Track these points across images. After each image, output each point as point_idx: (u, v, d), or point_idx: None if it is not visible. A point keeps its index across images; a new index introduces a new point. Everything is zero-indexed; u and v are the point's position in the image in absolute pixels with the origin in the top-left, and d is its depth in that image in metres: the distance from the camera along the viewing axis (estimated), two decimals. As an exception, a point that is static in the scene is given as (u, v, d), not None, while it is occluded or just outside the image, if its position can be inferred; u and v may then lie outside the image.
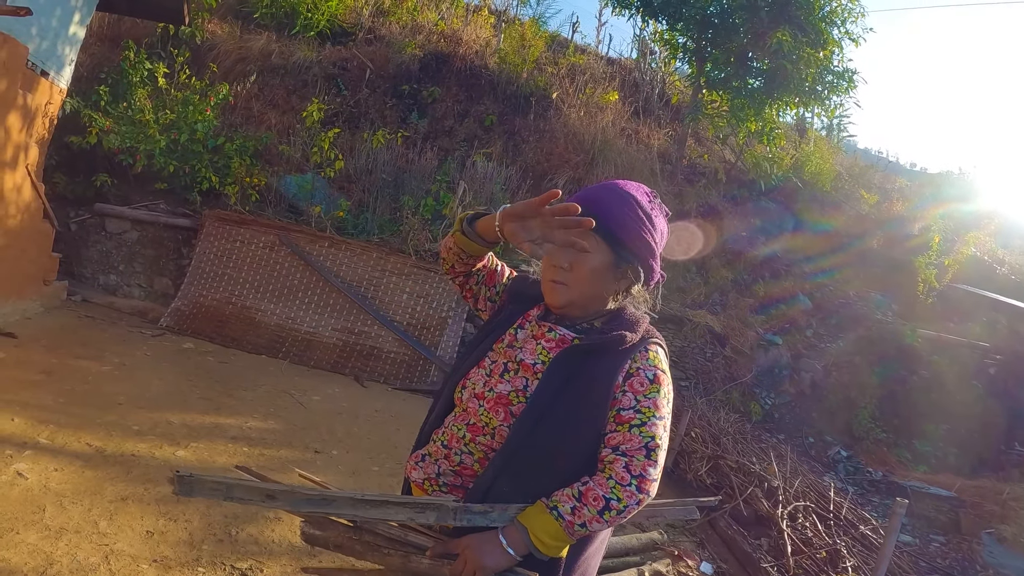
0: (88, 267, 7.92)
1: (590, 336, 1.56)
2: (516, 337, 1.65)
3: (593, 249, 1.55)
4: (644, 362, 1.51)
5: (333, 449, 4.85)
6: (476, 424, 1.57)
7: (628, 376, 1.49)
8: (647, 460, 1.44)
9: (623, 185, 1.61)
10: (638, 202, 1.57)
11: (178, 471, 1.40)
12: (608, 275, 1.58)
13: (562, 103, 11.06)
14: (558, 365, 1.52)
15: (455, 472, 1.60)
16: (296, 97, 9.77)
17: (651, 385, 1.49)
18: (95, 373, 5.22)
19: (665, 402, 1.50)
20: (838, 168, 13.71)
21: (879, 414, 9.06)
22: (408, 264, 7.76)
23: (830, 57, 10.44)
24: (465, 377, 1.66)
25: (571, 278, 1.57)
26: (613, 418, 1.47)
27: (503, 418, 1.54)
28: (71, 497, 3.34)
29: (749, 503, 5.23)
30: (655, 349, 1.56)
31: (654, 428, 1.46)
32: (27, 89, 5.93)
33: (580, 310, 1.61)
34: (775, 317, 9.95)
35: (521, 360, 1.58)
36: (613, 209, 1.56)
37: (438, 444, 1.64)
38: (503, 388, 1.56)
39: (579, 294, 1.57)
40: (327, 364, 7.12)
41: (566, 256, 1.56)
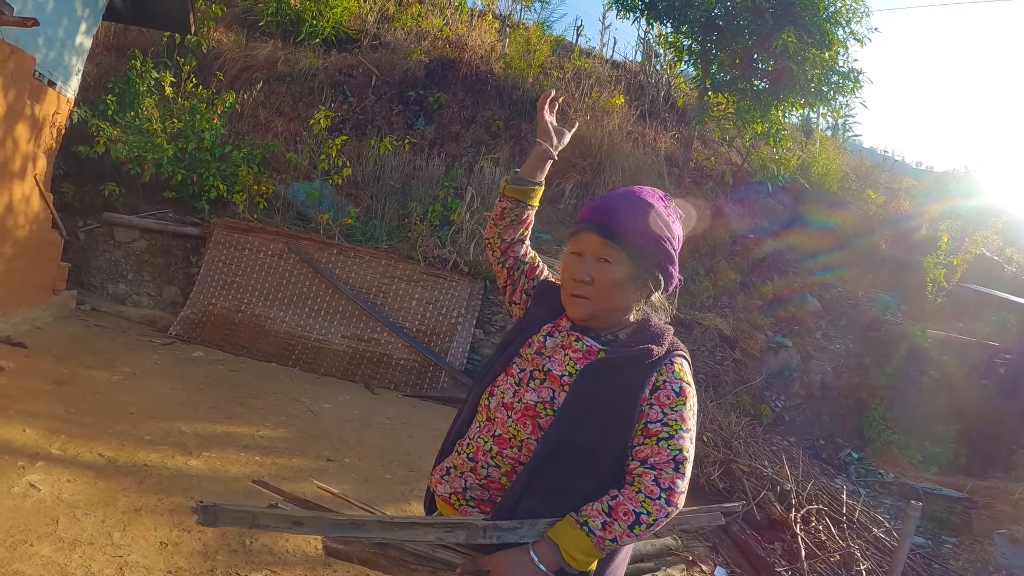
0: (97, 276, 7.93)
1: (616, 349, 1.55)
2: (545, 344, 1.63)
3: (615, 260, 1.54)
4: (670, 375, 1.50)
5: (345, 457, 4.84)
6: (503, 436, 1.56)
7: (655, 389, 1.48)
8: (675, 473, 1.43)
9: (640, 193, 1.61)
10: (657, 211, 1.57)
11: (200, 502, 1.39)
12: (629, 286, 1.57)
13: (568, 107, 11.03)
14: (586, 378, 1.51)
15: (482, 486, 1.58)
16: (302, 104, 9.79)
17: (677, 398, 1.48)
18: (105, 383, 5.22)
19: (691, 414, 1.49)
20: (844, 168, 13.64)
21: (889, 415, 8.99)
22: (417, 270, 7.76)
23: (835, 58, 10.38)
24: (493, 384, 1.65)
25: (592, 291, 1.56)
26: (640, 431, 1.46)
27: (531, 431, 1.53)
28: (84, 508, 3.33)
29: (762, 507, 5.21)
30: (680, 361, 1.55)
31: (681, 441, 1.45)
32: (34, 99, 5.95)
33: (602, 322, 1.61)
34: (784, 319, 9.90)
35: (548, 370, 1.57)
36: (633, 220, 1.55)
37: (463, 457, 1.62)
38: (530, 398, 1.55)
39: (601, 307, 1.57)
40: (337, 371, 7.12)
41: (587, 269, 1.56)
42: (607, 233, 1.54)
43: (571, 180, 9.94)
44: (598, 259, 1.55)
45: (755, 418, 8.24)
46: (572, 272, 1.58)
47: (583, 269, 1.56)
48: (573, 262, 1.59)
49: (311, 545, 3.43)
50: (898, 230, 12.18)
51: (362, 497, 4.22)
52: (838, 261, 11.22)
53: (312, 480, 4.32)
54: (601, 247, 1.55)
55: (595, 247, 1.56)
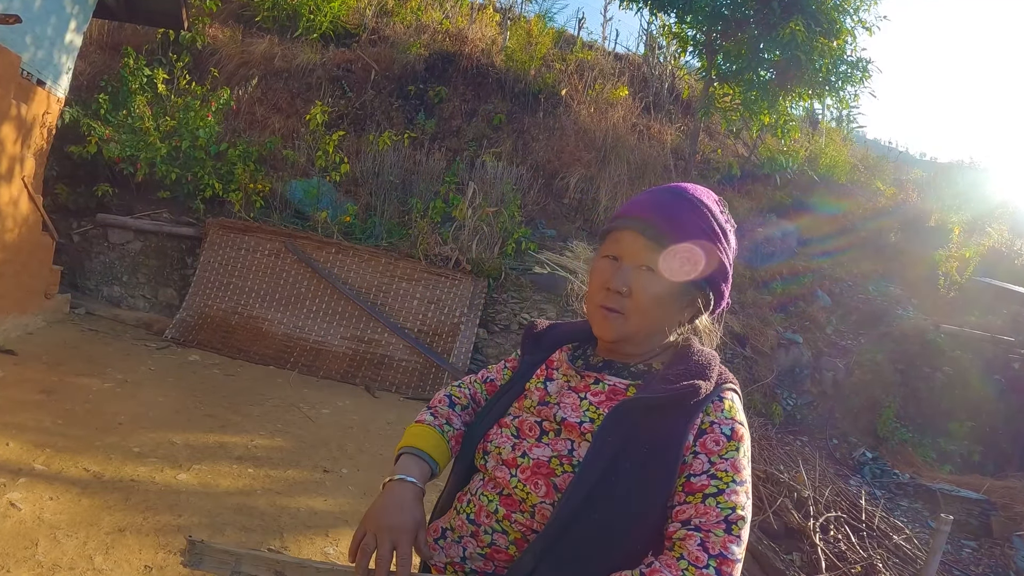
0: (91, 279, 7.78)
1: (652, 386, 1.22)
2: (547, 391, 1.33)
3: (660, 270, 1.25)
4: (719, 415, 1.18)
5: (343, 467, 4.66)
6: (512, 497, 1.25)
7: (700, 434, 1.17)
8: (728, 535, 1.11)
9: (693, 191, 1.31)
10: (712, 213, 1.29)
11: (190, 537, 1.22)
12: (675, 303, 1.28)
13: (571, 100, 10.85)
14: (613, 424, 1.19)
15: (484, 556, 1.27)
16: (300, 101, 9.60)
17: (728, 443, 1.16)
18: (96, 391, 5.06)
19: (746, 461, 1.18)
20: (852, 160, 13.46)
21: (903, 413, 8.84)
22: (418, 269, 7.57)
23: (844, 47, 10.17)
24: (484, 440, 1.35)
25: (630, 306, 1.25)
26: (682, 487, 1.15)
27: (544, 492, 1.21)
28: (66, 529, 3.16)
29: (779, 515, 5.02)
30: (731, 396, 1.23)
31: (735, 496, 1.13)
32: (22, 99, 5.79)
33: (636, 346, 1.31)
34: (794, 315, 9.73)
35: (563, 419, 1.26)
36: (687, 222, 1.26)
37: (463, 517, 1.31)
38: (542, 453, 1.25)
39: (638, 327, 1.27)
40: (337, 374, 6.94)
41: (624, 277, 1.25)
42: (655, 235, 1.24)
43: (576, 174, 9.75)
44: (639, 266, 1.25)
45: (767, 417, 8.08)
46: (605, 279, 1.28)
47: (620, 277, 1.26)
48: (607, 268, 1.29)
49: (305, 568, 3.25)
50: (908, 222, 12.01)
51: (360, 511, 4.05)
52: (848, 255, 11.06)
53: (308, 495, 4.18)
54: (645, 251, 1.25)
55: (637, 251, 1.25)
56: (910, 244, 11.58)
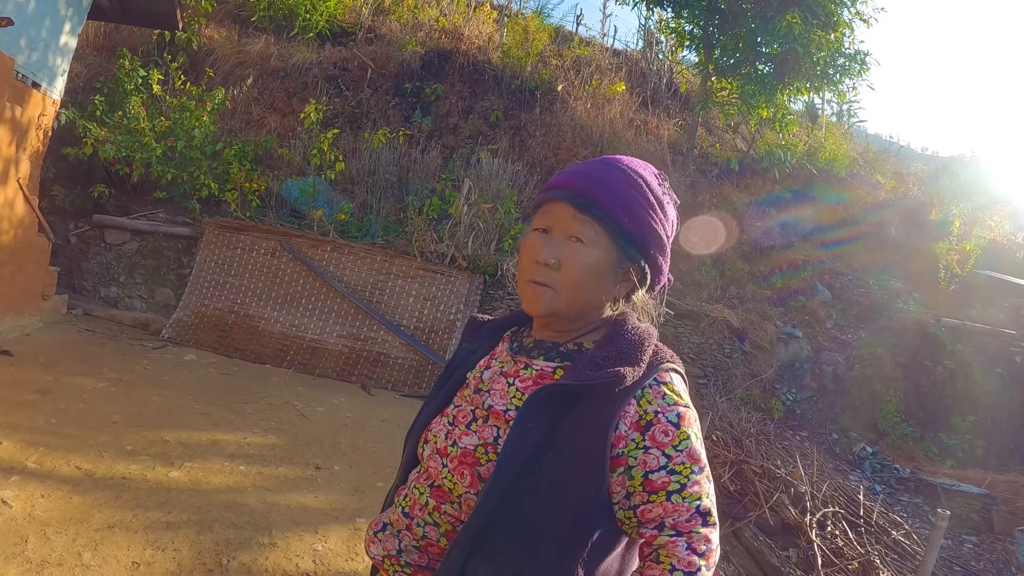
0: (89, 280, 7.78)
1: (576, 370, 1.16)
2: (483, 379, 1.29)
3: (591, 241, 1.18)
4: (660, 402, 1.13)
5: (336, 464, 4.64)
6: (441, 488, 1.22)
7: (646, 426, 1.11)
8: (706, 528, 1.11)
9: (628, 162, 1.25)
10: (648, 184, 1.22)
11: None
12: (608, 276, 1.21)
13: (568, 96, 10.82)
14: (533, 411, 1.14)
15: (418, 548, 1.24)
16: (297, 100, 9.59)
17: (678, 431, 1.11)
18: (91, 390, 5.05)
19: (700, 445, 1.14)
20: (852, 154, 13.42)
21: (904, 407, 8.78)
22: (414, 266, 7.56)
23: (841, 39, 10.15)
24: (427, 428, 1.31)
25: (559, 279, 1.19)
26: (642, 484, 1.11)
27: (469, 482, 1.17)
28: (56, 526, 3.16)
29: (775, 510, 5.00)
30: (669, 378, 1.17)
31: (699, 487, 1.11)
32: (16, 102, 5.79)
33: (568, 322, 1.24)
34: (794, 309, 9.69)
35: (490, 406, 1.21)
36: (618, 190, 1.20)
37: (399, 511, 1.28)
38: (469, 441, 1.20)
39: (569, 301, 1.20)
40: (333, 372, 6.93)
41: (553, 249, 1.19)
42: (584, 204, 1.19)
43: (572, 170, 9.71)
44: (569, 237, 1.19)
45: (766, 413, 8.04)
46: (534, 253, 1.21)
47: (548, 249, 1.20)
48: (536, 240, 1.22)
49: (291, 563, 3.24)
50: (908, 215, 11.97)
51: (351, 508, 4.05)
52: (848, 248, 11.02)
53: (299, 492, 4.17)
54: (574, 222, 1.19)
55: (566, 222, 1.20)
56: (911, 237, 11.54)
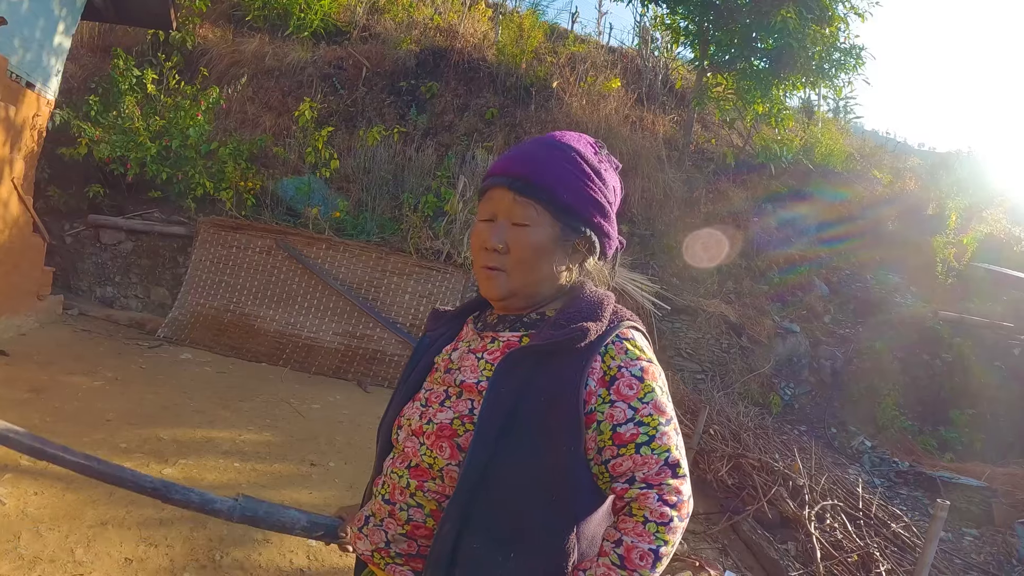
0: (84, 280, 7.77)
1: (542, 332, 1.21)
2: (452, 359, 1.32)
3: (533, 221, 1.22)
4: (623, 357, 1.17)
5: (331, 461, 4.62)
6: (420, 467, 1.22)
7: (611, 381, 1.15)
8: (677, 479, 1.14)
9: (562, 137, 1.29)
10: (582, 155, 1.25)
11: None
12: (556, 250, 1.24)
13: (563, 93, 10.80)
14: (504, 375, 1.18)
15: (406, 536, 1.24)
16: (292, 99, 9.57)
17: (642, 384, 1.15)
18: (86, 389, 5.04)
19: (665, 397, 1.18)
20: (849, 149, 13.40)
21: (903, 401, 8.78)
22: (409, 263, 7.54)
23: (836, 34, 10.15)
24: (399, 415, 1.33)
25: (509, 262, 1.24)
26: (611, 438, 1.14)
27: (450, 455, 1.19)
28: (48, 523, 3.14)
29: (774, 504, 4.98)
30: (631, 334, 1.22)
31: (667, 438, 1.14)
32: (10, 102, 5.77)
33: (526, 299, 1.28)
34: (792, 304, 9.68)
35: (462, 381, 1.24)
36: (552, 167, 1.23)
37: (379, 500, 1.29)
38: (444, 416, 1.22)
39: (521, 280, 1.24)
40: (329, 370, 6.91)
41: (499, 234, 1.24)
42: (521, 187, 1.22)
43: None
44: (512, 221, 1.24)
45: (764, 407, 8.03)
46: (482, 240, 1.26)
47: (495, 235, 1.24)
48: (483, 229, 1.27)
49: (285, 559, 3.22)
50: (905, 209, 11.96)
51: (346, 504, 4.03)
52: (846, 244, 11.01)
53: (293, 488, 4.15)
54: (515, 206, 1.23)
55: (508, 206, 1.24)
56: (908, 232, 11.52)
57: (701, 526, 4.98)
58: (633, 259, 8.98)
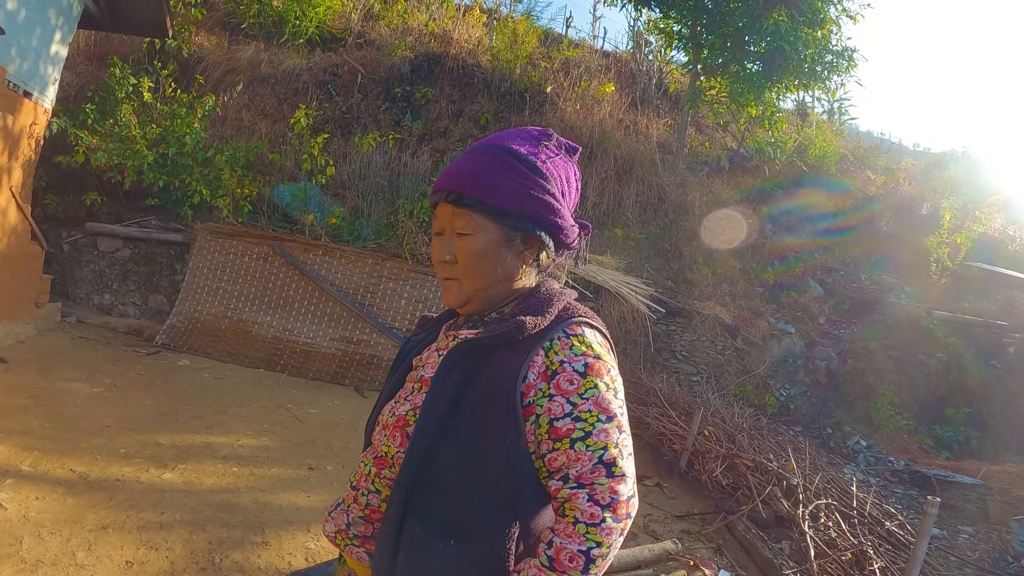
0: (82, 287, 7.80)
1: (489, 326, 1.26)
2: (422, 358, 1.36)
3: (473, 229, 1.25)
4: (567, 352, 1.18)
5: (329, 464, 4.66)
6: (380, 456, 1.29)
7: (552, 375, 1.16)
8: (611, 479, 1.13)
9: (494, 139, 1.31)
10: (513, 154, 1.25)
11: None
12: (502, 253, 1.26)
13: (557, 97, 10.86)
14: (447, 369, 1.22)
15: (364, 519, 1.32)
16: (287, 106, 9.62)
17: (584, 380, 1.16)
18: (84, 395, 5.07)
19: (612, 394, 1.17)
20: (842, 150, 13.46)
21: (898, 400, 8.81)
22: (405, 268, 7.58)
23: (828, 36, 10.20)
24: (381, 412, 1.39)
25: (459, 271, 1.28)
26: (548, 432, 1.16)
27: (399, 442, 1.26)
28: (50, 527, 3.18)
29: (768, 503, 5.01)
30: (579, 331, 1.22)
31: (604, 436, 1.14)
32: (8, 110, 5.82)
33: (484, 303, 1.31)
34: (786, 305, 9.72)
35: (422, 376, 1.30)
36: (482, 174, 1.24)
37: (348, 486, 1.37)
38: (402, 409, 1.29)
39: (473, 286, 1.28)
40: (326, 375, 6.95)
41: (447, 247, 1.28)
42: (455, 199, 1.26)
43: (562, 171, 9.75)
44: (455, 232, 1.28)
45: (759, 408, 8.07)
46: (435, 254, 1.32)
47: (444, 248, 1.29)
48: (435, 243, 1.32)
49: (284, 561, 3.26)
50: (899, 210, 12.02)
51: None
52: (839, 243, 11.06)
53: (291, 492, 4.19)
54: (454, 218, 1.27)
55: (449, 220, 1.28)
56: (902, 231, 11.58)
57: (696, 526, 5.03)
58: (628, 263, 9.03)
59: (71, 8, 6.54)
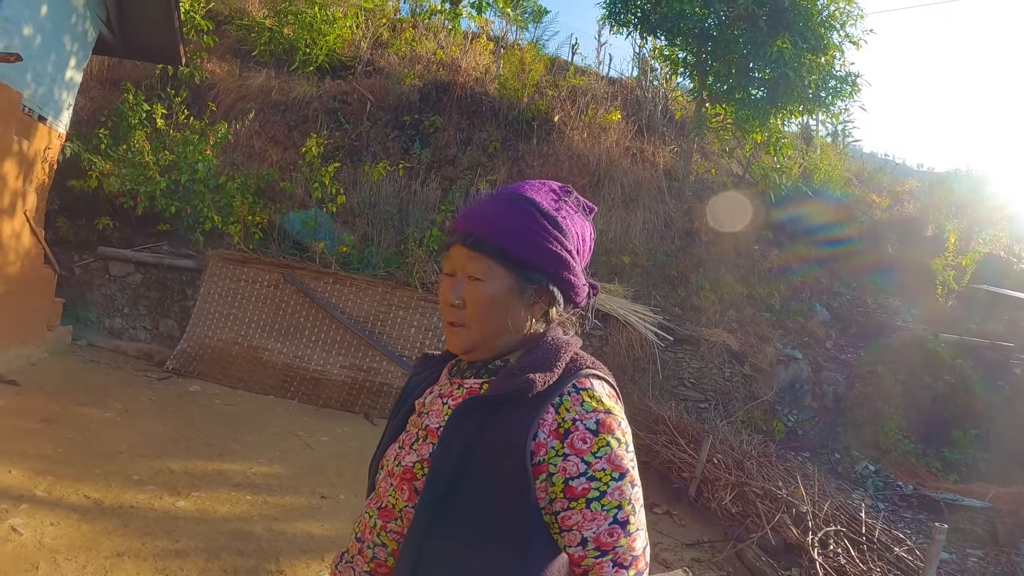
0: (93, 311, 7.85)
1: (497, 382, 1.22)
2: (424, 403, 1.34)
3: (486, 275, 1.24)
4: (578, 409, 1.16)
5: (341, 493, 4.69)
6: (386, 507, 1.26)
7: (565, 433, 1.15)
8: (628, 537, 1.15)
9: (518, 189, 1.30)
10: (535, 205, 1.26)
11: None
12: (513, 303, 1.25)
13: (564, 126, 10.96)
14: (456, 424, 1.19)
15: (370, 573, 1.29)
16: (297, 133, 9.73)
17: (596, 438, 1.15)
18: (97, 420, 5.11)
19: (623, 450, 1.17)
20: (847, 174, 13.54)
21: (905, 424, 8.81)
22: (415, 297, 7.63)
23: (832, 62, 10.31)
24: (383, 456, 1.36)
25: (468, 316, 1.26)
26: (563, 491, 1.14)
27: (408, 496, 1.22)
28: (66, 553, 3.21)
29: (777, 531, 5.01)
30: (589, 384, 1.20)
31: (619, 494, 1.15)
32: (23, 135, 5.89)
33: (487, 351, 1.29)
34: (793, 330, 9.74)
35: (427, 426, 1.27)
36: (503, 222, 1.25)
37: (353, 538, 1.34)
38: (409, 459, 1.25)
39: (480, 334, 1.26)
40: (336, 402, 6.98)
41: (456, 291, 1.27)
42: (472, 243, 1.25)
43: (569, 199, 9.82)
44: (468, 277, 1.26)
45: (767, 434, 8.06)
46: (443, 297, 1.30)
47: (453, 292, 1.27)
48: (444, 285, 1.31)
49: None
50: (904, 232, 12.07)
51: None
52: (845, 268, 11.09)
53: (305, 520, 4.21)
54: (469, 261, 1.25)
55: (463, 262, 1.27)
56: (907, 254, 11.62)
57: (706, 554, 5.03)
58: (636, 290, 9.08)
59: (86, 34, 6.64)
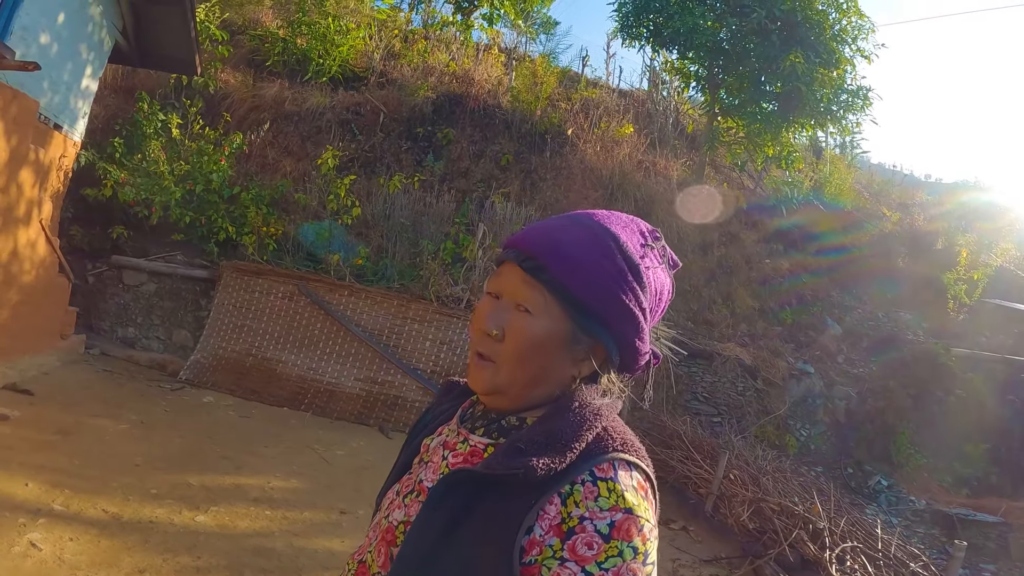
0: (106, 320, 7.86)
1: (497, 451, 0.98)
2: (428, 448, 1.12)
3: (538, 309, 0.97)
4: (592, 504, 0.89)
5: (360, 509, 4.66)
6: (365, 563, 1.07)
7: (568, 533, 0.88)
8: None
9: (601, 218, 1.03)
10: (619, 245, 0.99)
11: None
12: (560, 352, 0.99)
13: (577, 139, 10.97)
14: (440, 496, 0.96)
15: None
16: (311, 144, 9.76)
17: (607, 545, 0.86)
18: (112, 432, 5.09)
19: (639, 564, 0.87)
20: (857, 187, 13.55)
21: (918, 438, 8.78)
22: (430, 310, 7.62)
23: (843, 76, 10.36)
24: (385, 496, 1.16)
25: (502, 352, 0.99)
26: None
27: (382, 563, 1.02)
28: (86, 570, 3.20)
29: (795, 547, 4.98)
30: (610, 474, 0.92)
31: None
32: (40, 143, 5.90)
33: (512, 400, 1.02)
34: (805, 345, 9.72)
35: (421, 481, 1.06)
36: (575, 251, 0.98)
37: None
38: (396, 516, 1.05)
39: (510, 377, 0.99)
40: (351, 415, 6.96)
41: (498, 318, 1.00)
42: (533, 267, 0.98)
43: (583, 212, 9.84)
44: (516, 305, 0.99)
45: (781, 449, 8.04)
46: (480, 321, 1.03)
47: (493, 318, 1.00)
48: (484, 307, 1.03)
49: (323, 608, 3.26)
50: (915, 246, 12.07)
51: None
52: (856, 282, 11.08)
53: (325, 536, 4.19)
54: (523, 287, 0.99)
55: (515, 286, 1.00)
56: (918, 267, 11.62)
57: (724, 570, 5.00)
58: (649, 305, 9.05)
59: (102, 44, 6.67)
